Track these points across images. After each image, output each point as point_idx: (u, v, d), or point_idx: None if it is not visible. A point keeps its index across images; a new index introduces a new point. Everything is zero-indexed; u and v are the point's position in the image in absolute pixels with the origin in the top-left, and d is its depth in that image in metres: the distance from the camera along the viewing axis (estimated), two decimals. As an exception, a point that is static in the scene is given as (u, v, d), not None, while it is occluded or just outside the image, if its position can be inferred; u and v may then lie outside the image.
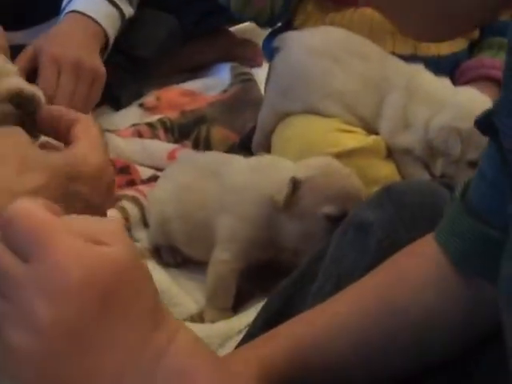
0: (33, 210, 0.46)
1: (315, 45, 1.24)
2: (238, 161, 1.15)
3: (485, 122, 0.58)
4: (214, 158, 1.21)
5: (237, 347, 0.80)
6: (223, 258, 1.07)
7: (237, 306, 1.09)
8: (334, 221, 0.99)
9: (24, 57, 1.23)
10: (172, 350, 0.48)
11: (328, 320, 0.67)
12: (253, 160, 1.15)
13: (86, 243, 0.46)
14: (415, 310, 0.66)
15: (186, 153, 1.41)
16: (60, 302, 0.45)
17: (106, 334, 0.46)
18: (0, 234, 0.47)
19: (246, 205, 1.06)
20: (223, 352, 0.90)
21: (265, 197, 1.04)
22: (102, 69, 1.30)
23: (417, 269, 0.67)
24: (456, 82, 1.32)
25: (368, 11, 1.31)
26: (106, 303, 0.46)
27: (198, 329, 0.92)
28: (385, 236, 0.76)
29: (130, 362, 0.46)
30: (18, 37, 1.45)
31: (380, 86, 1.22)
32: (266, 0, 1.30)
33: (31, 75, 1.22)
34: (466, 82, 1.33)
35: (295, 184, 1.02)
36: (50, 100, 1.19)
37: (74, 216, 0.49)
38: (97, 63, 1.29)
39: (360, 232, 0.79)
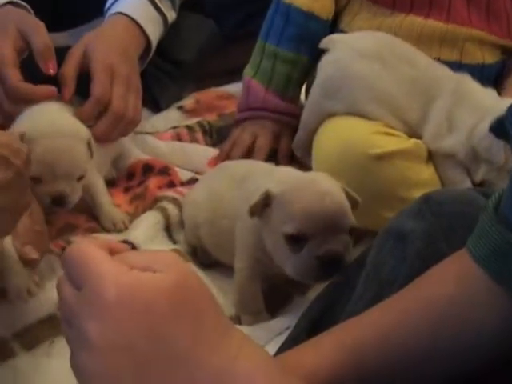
0: (81, 247, 0.53)
1: (365, 48, 1.26)
2: (263, 168, 1.15)
3: (499, 127, 0.59)
4: (247, 165, 1.21)
5: (278, 351, 0.82)
6: (239, 266, 1.07)
7: (276, 308, 1.10)
8: (292, 242, 0.94)
9: (74, 61, 1.24)
10: (237, 365, 0.50)
11: (370, 331, 0.68)
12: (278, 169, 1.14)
13: (127, 269, 0.51)
14: (450, 321, 0.67)
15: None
16: (100, 318, 0.49)
17: (162, 352, 0.49)
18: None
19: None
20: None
21: None
22: (136, 76, 1.32)
23: (451, 283, 0.68)
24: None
25: (419, 19, 1.33)
26: (153, 322, 0.49)
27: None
28: (424, 246, 0.77)
29: (192, 381, 0.49)
30: (59, 39, 1.47)
31: (427, 92, 1.23)
32: None
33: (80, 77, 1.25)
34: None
35: (267, 197, 0.97)
36: (107, 106, 1.23)
37: (134, 251, 0.56)
38: (132, 71, 1.31)
39: (399, 241, 0.80)
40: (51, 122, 1.14)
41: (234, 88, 1.67)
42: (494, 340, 0.67)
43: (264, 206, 0.98)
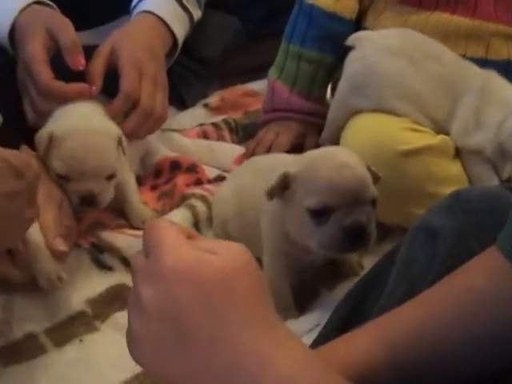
0: (162, 223, 0.56)
1: (391, 45, 1.26)
2: (288, 159, 1.13)
3: None
4: (273, 159, 1.21)
5: (310, 347, 0.82)
6: (267, 259, 1.08)
7: (304, 304, 1.11)
8: (316, 215, 0.95)
9: (101, 58, 1.26)
10: (279, 358, 0.51)
11: (402, 325, 0.68)
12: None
13: (193, 248, 0.53)
14: (479, 317, 0.67)
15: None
16: (154, 284, 0.52)
17: (207, 328, 0.51)
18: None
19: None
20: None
21: None
22: (163, 74, 1.33)
23: (481, 278, 0.68)
24: None
25: (445, 15, 1.33)
26: (203, 298, 0.51)
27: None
28: (454, 243, 0.77)
29: (232, 365, 0.50)
30: (84, 37, 1.48)
31: (454, 89, 1.23)
32: None
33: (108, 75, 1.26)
34: None
35: (285, 179, 0.98)
36: (135, 103, 1.23)
37: (203, 238, 0.60)
38: (158, 69, 1.31)
39: (429, 237, 0.80)
40: (80, 119, 1.15)
41: (259, 85, 1.67)
42: None
43: (283, 188, 0.99)
